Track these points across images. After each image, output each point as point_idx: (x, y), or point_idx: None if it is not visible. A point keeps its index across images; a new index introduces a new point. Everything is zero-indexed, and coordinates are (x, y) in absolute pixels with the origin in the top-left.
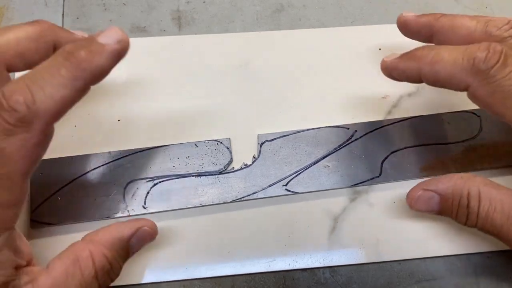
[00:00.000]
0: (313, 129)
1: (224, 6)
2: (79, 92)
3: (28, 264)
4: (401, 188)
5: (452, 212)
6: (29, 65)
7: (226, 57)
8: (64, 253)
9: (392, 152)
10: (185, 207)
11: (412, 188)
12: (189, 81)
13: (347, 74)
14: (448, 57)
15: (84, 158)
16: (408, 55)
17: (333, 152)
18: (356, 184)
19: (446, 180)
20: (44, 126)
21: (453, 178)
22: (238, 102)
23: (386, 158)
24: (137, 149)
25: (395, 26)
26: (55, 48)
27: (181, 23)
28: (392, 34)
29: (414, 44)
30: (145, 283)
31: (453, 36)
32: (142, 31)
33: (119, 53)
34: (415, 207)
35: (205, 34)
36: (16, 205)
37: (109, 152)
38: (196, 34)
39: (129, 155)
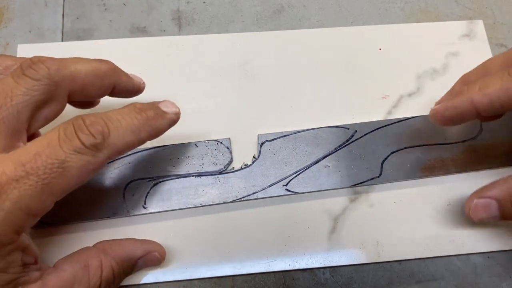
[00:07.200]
0: (313, 129)
1: (224, 6)
2: (140, 142)
3: (35, 262)
4: (401, 188)
5: None
6: (86, 98)
7: (226, 57)
8: (74, 256)
9: (392, 152)
10: (185, 207)
11: (467, 200)
12: (189, 81)
13: (347, 74)
14: (494, 81)
15: None
16: (452, 93)
17: (333, 152)
18: (356, 184)
19: (499, 183)
20: (107, 158)
21: (507, 180)
22: (238, 102)
23: (386, 158)
24: (137, 149)
25: (395, 26)
26: (114, 88)
27: (181, 23)
28: (392, 34)
29: (414, 45)
30: (145, 283)
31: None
32: (142, 31)
33: (174, 122)
34: (475, 216)
35: (205, 34)
36: (40, 215)
37: None
38: (196, 34)
39: (129, 155)
